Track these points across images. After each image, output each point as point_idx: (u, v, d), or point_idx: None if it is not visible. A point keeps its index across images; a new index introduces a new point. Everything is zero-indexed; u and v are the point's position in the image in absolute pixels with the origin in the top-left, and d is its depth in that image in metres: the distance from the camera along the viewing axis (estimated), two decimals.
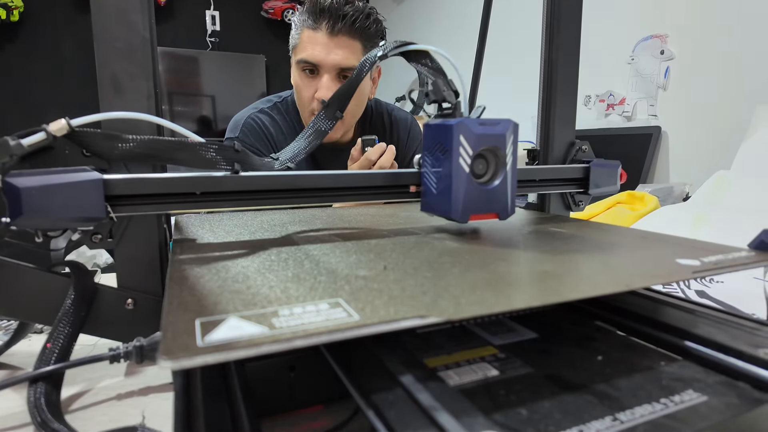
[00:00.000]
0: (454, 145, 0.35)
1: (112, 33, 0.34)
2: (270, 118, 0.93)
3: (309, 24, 0.83)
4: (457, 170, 0.36)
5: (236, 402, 0.22)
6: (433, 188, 0.38)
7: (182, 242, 0.35)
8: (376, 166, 0.81)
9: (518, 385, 0.23)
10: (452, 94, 0.40)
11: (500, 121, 0.37)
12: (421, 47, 0.41)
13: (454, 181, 0.36)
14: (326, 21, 0.81)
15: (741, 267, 0.28)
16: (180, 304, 0.21)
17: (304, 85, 0.86)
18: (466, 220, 0.37)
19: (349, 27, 0.82)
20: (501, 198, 0.38)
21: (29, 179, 0.28)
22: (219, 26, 3.12)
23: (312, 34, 0.83)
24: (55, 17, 2.70)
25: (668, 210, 0.89)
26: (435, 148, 0.37)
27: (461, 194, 0.36)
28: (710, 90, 1.38)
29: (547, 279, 0.25)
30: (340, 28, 0.82)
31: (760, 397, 0.21)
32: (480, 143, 0.36)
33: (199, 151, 0.33)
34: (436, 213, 0.38)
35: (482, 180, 0.38)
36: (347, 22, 0.81)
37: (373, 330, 0.18)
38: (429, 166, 0.38)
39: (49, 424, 0.27)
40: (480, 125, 0.36)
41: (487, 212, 0.38)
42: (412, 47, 0.41)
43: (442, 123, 0.36)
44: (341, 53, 0.83)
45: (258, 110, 0.94)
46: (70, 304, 0.33)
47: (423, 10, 2.70)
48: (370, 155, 0.81)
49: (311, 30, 0.83)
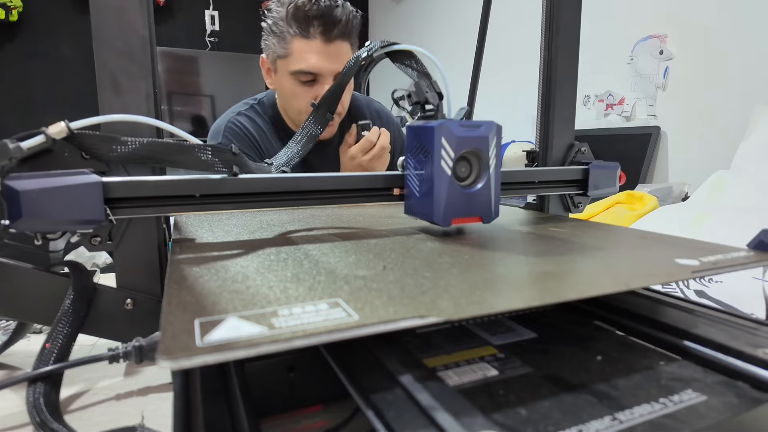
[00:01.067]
0: (436, 148, 0.35)
1: (111, 33, 0.34)
2: (249, 120, 0.92)
3: (299, 33, 0.80)
4: (438, 173, 0.35)
5: (235, 402, 0.22)
6: (415, 191, 0.37)
7: (181, 242, 0.35)
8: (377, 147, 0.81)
9: (517, 384, 0.23)
10: (435, 96, 0.39)
11: (483, 123, 0.37)
12: (405, 47, 0.41)
13: (436, 184, 0.35)
14: (319, 29, 0.80)
15: (740, 267, 0.28)
16: (179, 304, 0.21)
17: (300, 94, 0.84)
18: (449, 223, 0.36)
19: (342, 31, 0.81)
20: (484, 201, 0.37)
21: (28, 182, 0.28)
22: (218, 26, 3.12)
23: (305, 43, 0.81)
24: (54, 17, 2.70)
25: (667, 210, 0.89)
26: (417, 150, 0.37)
27: (443, 197, 0.35)
28: (709, 90, 1.38)
29: (546, 279, 0.25)
30: (335, 35, 0.81)
31: (759, 397, 0.22)
32: (462, 145, 0.35)
33: (196, 153, 0.33)
34: (419, 216, 0.38)
35: (465, 183, 0.37)
36: (340, 27, 0.80)
37: (372, 330, 0.18)
38: (412, 169, 0.38)
39: (48, 424, 0.27)
40: (462, 127, 0.35)
41: (471, 216, 0.37)
42: (396, 47, 0.41)
43: (424, 125, 0.36)
44: (339, 58, 0.82)
45: (236, 113, 0.93)
46: (69, 304, 0.33)
47: (422, 10, 2.70)
48: (371, 137, 0.81)
49: (303, 39, 0.80)
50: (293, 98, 0.86)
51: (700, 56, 1.40)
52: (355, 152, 0.84)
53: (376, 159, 0.84)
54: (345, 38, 0.83)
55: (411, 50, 0.41)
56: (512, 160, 1.74)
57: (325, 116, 0.43)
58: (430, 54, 0.41)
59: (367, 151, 0.83)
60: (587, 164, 0.50)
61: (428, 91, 0.39)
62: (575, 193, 0.52)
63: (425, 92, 0.39)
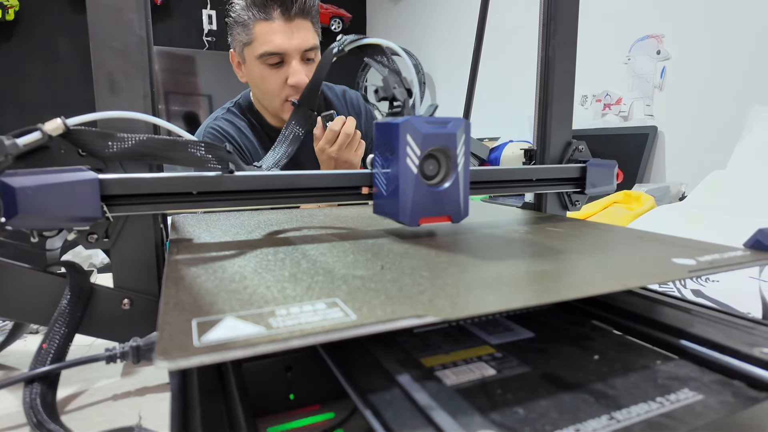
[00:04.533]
0: (401, 145, 0.34)
1: (108, 32, 0.33)
2: (228, 123, 0.94)
3: (260, 16, 0.83)
4: (404, 171, 0.34)
5: (233, 402, 0.22)
6: (383, 190, 0.37)
7: (179, 242, 0.35)
8: (341, 135, 0.81)
9: (515, 384, 0.23)
10: (403, 92, 0.38)
11: (450, 119, 0.36)
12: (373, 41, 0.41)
13: (401, 183, 0.34)
14: (278, 9, 0.83)
15: (736, 266, 0.28)
16: (176, 304, 0.21)
17: (269, 76, 0.86)
18: (416, 223, 0.35)
19: (300, 9, 0.84)
20: (453, 200, 0.36)
21: (25, 179, 0.28)
22: (216, 26, 3.11)
23: (267, 25, 0.83)
24: (50, 16, 2.69)
25: (664, 210, 0.89)
26: (384, 148, 0.36)
27: (409, 196, 0.34)
28: (706, 90, 1.39)
29: (543, 278, 0.25)
30: (295, 12, 0.83)
31: (756, 396, 0.22)
32: (428, 143, 0.35)
33: (189, 150, 0.33)
34: (387, 216, 0.37)
35: (433, 182, 0.36)
36: (299, 4, 0.83)
37: (370, 330, 0.18)
38: (379, 167, 0.37)
39: (45, 425, 0.27)
40: (428, 124, 0.34)
41: (439, 215, 0.36)
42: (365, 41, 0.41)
43: (389, 122, 0.35)
44: (301, 35, 0.84)
45: (214, 119, 0.95)
46: (66, 304, 0.33)
47: (421, 9, 2.70)
48: (333, 126, 0.81)
49: (264, 21, 0.83)
50: (263, 82, 0.88)
51: (698, 56, 1.40)
52: (323, 145, 0.83)
53: (345, 148, 0.83)
54: (305, 16, 0.85)
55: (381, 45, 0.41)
56: (510, 159, 1.74)
57: (307, 113, 0.42)
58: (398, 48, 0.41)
59: (333, 141, 0.83)
60: (585, 162, 0.50)
61: (396, 87, 0.38)
62: (573, 192, 0.52)
63: (393, 88, 0.38)
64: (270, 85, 0.87)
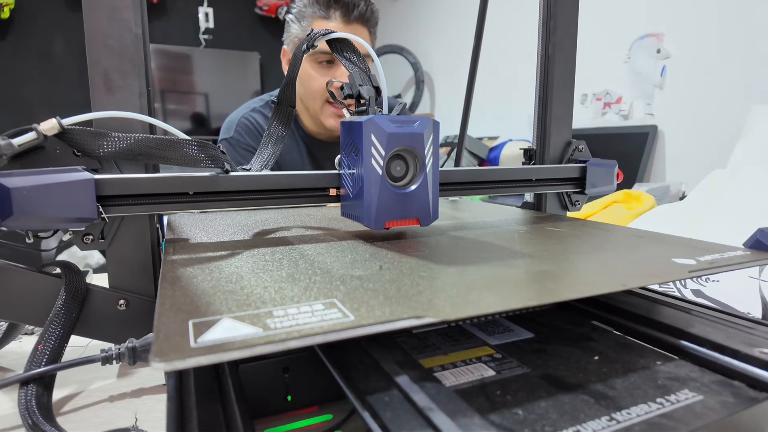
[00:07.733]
0: (365, 145, 0.32)
1: (103, 30, 0.33)
2: (264, 117, 0.94)
3: (320, 14, 0.83)
4: (369, 172, 0.33)
5: (230, 403, 0.22)
6: (349, 191, 0.35)
7: (175, 242, 0.34)
8: None
9: (514, 385, 0.22)
10: (371, 89, 0.36)
11: (418, 119, 0.34)
12: (339, 35, 0.40)
13: (366, 185, 0.33)
14: (339, 11, 0.83)
15: (737, 266, 0.28)
16: (173, 305, 0.20)
17: (317, 75, 0.86)
18: (381, 227, 0.34)
19: (361, 14, 0.84)
20: (421, 203, 0.35)
21: (19, 179, 0.28)
22: (212, 23, 3.10)
23: (324, 23, 0.83)
24: (46, 15, 2.68)
25: (664, 209, 0.89)
26: (349, 148, 0.35)
27: (374, 198, 0.33)
28: (707, 89, 1.39)
29: (543, 279, 0.25)
30: (355, 17, 0.83)
31: (756, 396, 0.21)
32: (393, 143, 0.33)
33: (183, 149, 0.33)
34: (353, 218, 0.36)
35: (400, 183, 0.35)
36: (359, 10, 0.83)
37: (368, 330, 0.18)
38: (345, 168, 0.36)
39: (40, 426, 0.27)
40: (393, 123, 0.33)
41: (406, 218, 0.35)
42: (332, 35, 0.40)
43: (353, 120, 0.34)
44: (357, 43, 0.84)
45: (251, 109, 0.94)
46: (62, 305, 0.33)
47: (420, 9, 2.70)
48: None
49: (323, 20, 0.83)
50: (309, 79, 0.87)
51: (698, 55, 1.40)
52: None
53: None
54: (363, 23, 0.85)
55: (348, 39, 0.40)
56: (509, 158, 1.74)
57: (287, 110, 0.41)
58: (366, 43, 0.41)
59: None
60: (585, 162, 0.50)
61: (362, 84, 0.36)
62: (573, 191, 0.52)
63: (358, 85, 0.36)
64: (315, 84, 0.86)
